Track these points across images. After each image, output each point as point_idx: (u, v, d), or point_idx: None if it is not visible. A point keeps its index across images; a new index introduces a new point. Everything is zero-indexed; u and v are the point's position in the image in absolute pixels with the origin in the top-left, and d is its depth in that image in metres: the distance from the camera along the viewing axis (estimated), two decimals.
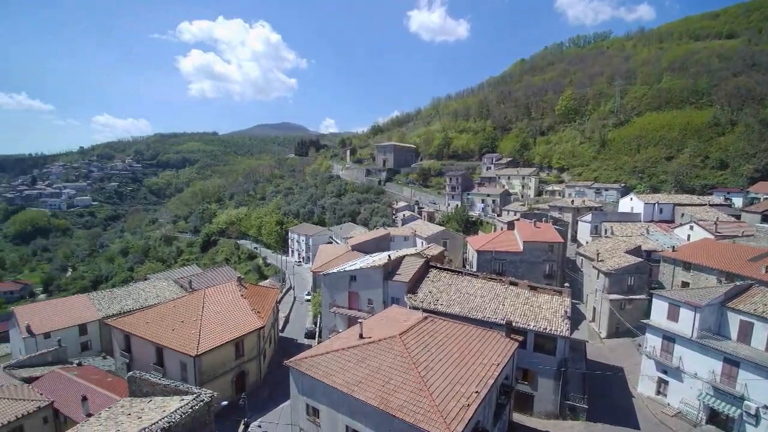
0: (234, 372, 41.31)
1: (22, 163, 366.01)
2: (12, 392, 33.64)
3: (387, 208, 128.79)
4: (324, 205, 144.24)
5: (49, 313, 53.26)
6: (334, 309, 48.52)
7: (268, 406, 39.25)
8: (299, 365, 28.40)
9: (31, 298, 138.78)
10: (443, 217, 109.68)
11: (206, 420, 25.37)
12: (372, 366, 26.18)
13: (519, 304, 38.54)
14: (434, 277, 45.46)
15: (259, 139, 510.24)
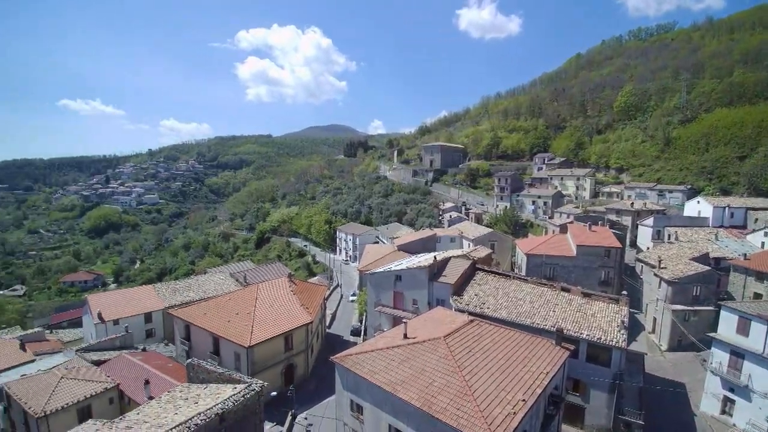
0: (283, 364, 42.98)
1: (98, 164, 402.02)
2: (83, 374, 37.07)
3: (433, 208, 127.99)
4: (371, 205, 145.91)
5: (118, 301, 58.20)
6: (379, 308, 49.05)
7: (314, 399, 40.50)
8: (344, 361, 29.07)
9: (103, 287, 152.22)
10: (491, 219, 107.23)
11: (256, 409, 26.67)
12: (416, 366, 26.25)
13: (571, 311, 36.92)
14: (481, 280, 44.66)
15: (310, 140, 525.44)
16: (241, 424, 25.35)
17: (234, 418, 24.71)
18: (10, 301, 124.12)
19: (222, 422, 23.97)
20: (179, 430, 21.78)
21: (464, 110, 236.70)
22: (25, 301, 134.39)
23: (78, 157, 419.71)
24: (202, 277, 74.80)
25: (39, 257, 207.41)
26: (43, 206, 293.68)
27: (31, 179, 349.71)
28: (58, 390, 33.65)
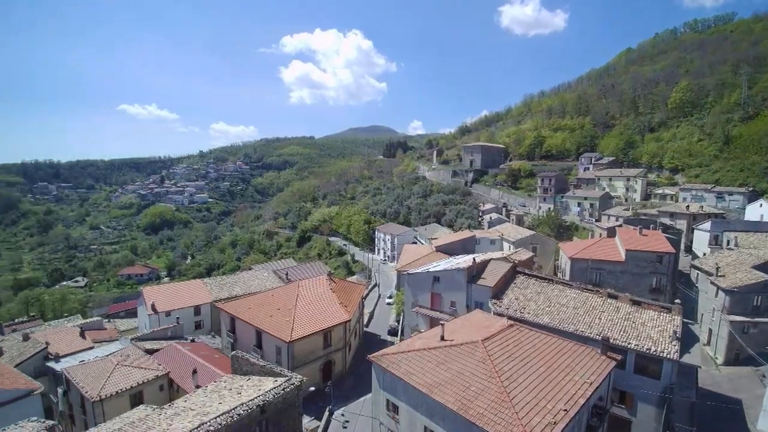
0: (322, 360, 43.96)
1: (154, 165, 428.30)
2: (136, 361, 39.49)
3: (473, 209, 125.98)
4: (410, 206, 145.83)
5: (170, 294, 61.78)
6: (416, 309, 49.00)
7: (351, 396, 41.10)
8: (381, 361, 29.32)
9: (157, 280, 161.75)
10: (533, 221, 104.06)
11: (295, 402, 27.49)
12: (452, 369, 26.05)
13: (618, 319, 35.17)
14: (522, 284, 43.53)
15: (350, 141, 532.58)
16: (281, 416, 26.23)
17: (274, 410, 25.62)
18: (73, 292, 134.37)
19: (263, 413, 24.91)
20: (223, 419, 22.86)
21: (506, 109, 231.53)
22: (86, 292, 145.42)
23: (136, 158, 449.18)
24: (247, 273, 77.98)
25: (99, 251, 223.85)
26: (104, 204, 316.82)
27: (93, 179, 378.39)
28: (113, 376, 36.07)
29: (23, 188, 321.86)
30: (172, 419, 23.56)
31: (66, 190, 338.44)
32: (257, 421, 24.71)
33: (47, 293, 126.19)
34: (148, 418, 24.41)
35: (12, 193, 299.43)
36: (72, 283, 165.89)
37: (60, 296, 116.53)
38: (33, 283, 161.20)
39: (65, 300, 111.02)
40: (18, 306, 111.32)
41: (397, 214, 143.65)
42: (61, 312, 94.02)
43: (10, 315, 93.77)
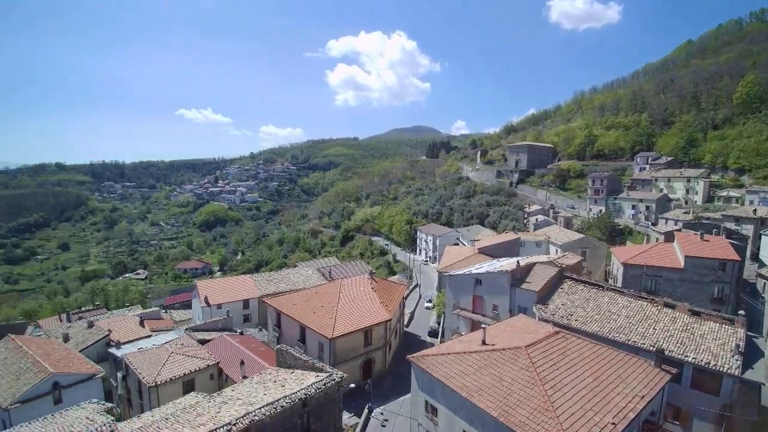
0: (362, 358, 44.55)
1: (208, 166, 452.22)
2: (189, 351, 41.86)
3: (518, 211, 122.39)
4: (452, 207, 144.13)
5: (222, 288, 65.05)
6: (457, 311, 48.46)
7: (390, 395, 41.35)
8: (421, 362, 29.32)
9: (210, 275, 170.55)
10: (583, 224, 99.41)
11: (336, 398, 28.15)
12: (494, 375, 25.57)
13: (675, 330, 32.96)
14: (569, 289, 41.84)
15: (393, 142, 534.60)
16: (322, 411, 26.96)
17: (315, 403, 26.38)
18: (134, 283, 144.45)
19: (305, 406, 25.74)
20: (267, 409, 23.85)
21: (554, 107, 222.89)
22: (146, 284, 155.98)
23: (193, 160, 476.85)
24: (292, 270, 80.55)
25: (159, 246, 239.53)
26: (164, 202, 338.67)
27: (154, 178, 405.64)
28: (168, 363, 38.43)
29: (91, 187, 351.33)
30: (220, 407, 24.89)
31: (130, 189, 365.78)
32: (299, 414, 25.57)
33: (111, 284, 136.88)
34: (199, 405, 25.91)
35: (81, 191, 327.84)
36: (134, 275, 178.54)
37: (123, 287, 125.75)
38: (99, 275, 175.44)
39: (127, 291, 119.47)
40: (85, 295, 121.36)
41: (439, 215, 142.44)
42: (123, 302, 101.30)
43: (78, 303, 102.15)
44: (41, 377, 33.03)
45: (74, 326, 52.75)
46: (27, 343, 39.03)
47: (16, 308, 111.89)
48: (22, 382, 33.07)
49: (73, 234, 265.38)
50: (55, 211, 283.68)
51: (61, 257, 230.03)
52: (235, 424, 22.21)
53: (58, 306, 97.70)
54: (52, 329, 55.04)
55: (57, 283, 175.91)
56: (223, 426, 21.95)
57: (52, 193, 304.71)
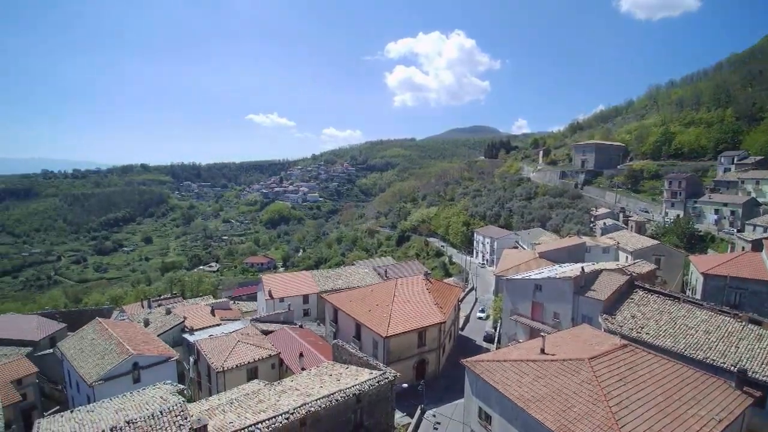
0: (415, 359, 44.59)
1: (274, 167, 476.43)
2: (254, 340, 44.49)
3: (583, 214, 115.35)
4: (511, 208, 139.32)
5: (284, 283, 68.41)
6: (515, 317, 46.89)
7: (443, 398, 40.97)
8: (475, 367, 28.79)
9: (274, 269, 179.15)
10: (657, 229, 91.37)
11: (389, 396, 28.52)
12: (552, 386, 24.48)
13: (761, 349, 29.38)
14: (640, 300, 38.83)
15: (451, 142, 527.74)
16: (375, 408, 27.47)
17: (369, 400, 26.93)
18: (207, 275, 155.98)
19: (358, 402, 26.39)
20: (323, 401, 24.76)
21: (626, 103, 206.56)
22: (218, 276, 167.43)
23: (260, 161, 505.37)
24: (350, 268, 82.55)
25: (229, 241, 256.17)
26: (234, 201, 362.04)
27: (226, 179, 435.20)
28: (234, 351, 41.18)
29: (171, 186, 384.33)
30: (280, 396, 26.26)
31: (205, 188, 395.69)
32: (353, 409, 26.26)
33: (187, 275, 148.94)
34: (260, 392, 27.51)
35: (163, 190, 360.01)
36: (207, 267, 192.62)
37: (197, 278, 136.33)
38: (177, 266, 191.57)
39: (201, 282, 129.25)
40: (164, 284, 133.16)
41: (498, 217, 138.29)
42: (197, 292, 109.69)
43: (158, 292, 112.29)
44: (123, 358, 36.66)
45: (154, 312, 58.23)
46: (112, 326, 43.66)
47: (105, 294, 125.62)
48: (107, 361, 36.93)
49: (156, 228, 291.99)
50: (140, 208, 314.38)
51: (145, 249, 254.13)
52: (293, 413, 23.32)
53: (141, 293, 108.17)
54: (135, 314, 61.25)
55: (140, 273, 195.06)
56: (282, 414, 23.15)
57: (137, 191, 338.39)
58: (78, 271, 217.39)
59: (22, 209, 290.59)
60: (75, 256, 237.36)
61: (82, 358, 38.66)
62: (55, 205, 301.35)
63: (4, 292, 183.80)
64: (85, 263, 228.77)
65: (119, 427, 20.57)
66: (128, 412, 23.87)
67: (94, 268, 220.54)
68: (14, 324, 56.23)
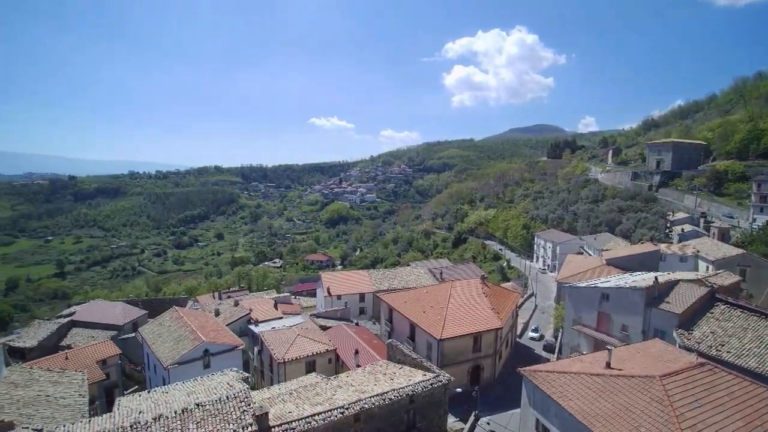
0: (470, 364, 43.92)
1: (334, 168, 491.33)
2: (312, 335, 46.35)
3: (658, 219, 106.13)
4: (576, 212, 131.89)
5: (342, 280, 70.55)
6: (578, 327, 44.57)
7: (498, 406, 39.93)
8: (533, 377, 27.89)
9: (332, 267, 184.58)
10: (744, 237, 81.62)
11: (442, 399, 28.51)
12: (618, 403, 23.08)
13: None
14: (721, 315, 35.27)
15: (511, 142, 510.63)
16: (428, 409, 27.60)
17: (422, 402, 27.12)
18: (271, 271, 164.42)
19: (411, 403, 26.67)
20: (377, 399, 25.36)
21: (707, 97, 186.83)
22: (281, 272, 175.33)
23: (321, 163, 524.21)
24: (405, 268, 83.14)
25: (292, 239, 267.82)
26: (297, 200, 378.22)
27: (290, 179, 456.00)
28: (294, 344, 43.23)
29: (241, 186, 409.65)
30: (335, 390, 27.26)
31: (270, 189, 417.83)
32: (406, 409, 26.60)
33: (254, 270, 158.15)
34: (317, 385, 28.73)
35: (234, 190, 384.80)
36: (271, 263, 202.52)
37: (262, 273, 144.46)
38: (244, 261, 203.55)
39: (266, 277, 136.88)
40: (233, 278, 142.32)
41: (561, 220, 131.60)
42: (262, 286, 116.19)
43: (227, 284, 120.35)
44: (195, 344, 39.80)
45: (224, 303, 62.67)
46: (187, 314, 47.57)
47: (181, 285, 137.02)
48: (181, 347, 40.28)
49: (227, 226, 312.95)
50: (213, 206, 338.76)
51: (217, 245, 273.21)
52: (348, 408, 24.15)
53: (213, 285, 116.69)
54: (207, 304, 66.29)
55: (212, 266, 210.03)
56: (337, 408, 24.06)
57: (211, 191, 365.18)
58: (159, 263, 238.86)
59: (112, 206, 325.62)
60: (156, 249, 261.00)
61: (160, 343, 42.57)
62: (140, 203, 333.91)
63: (94, 280, 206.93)
64: (165, 256, 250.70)
65: (190, 409, 22.51)
66: (198, 395, 25.92)
67: (172, 261, 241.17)
68: (102, 309, 63.23)
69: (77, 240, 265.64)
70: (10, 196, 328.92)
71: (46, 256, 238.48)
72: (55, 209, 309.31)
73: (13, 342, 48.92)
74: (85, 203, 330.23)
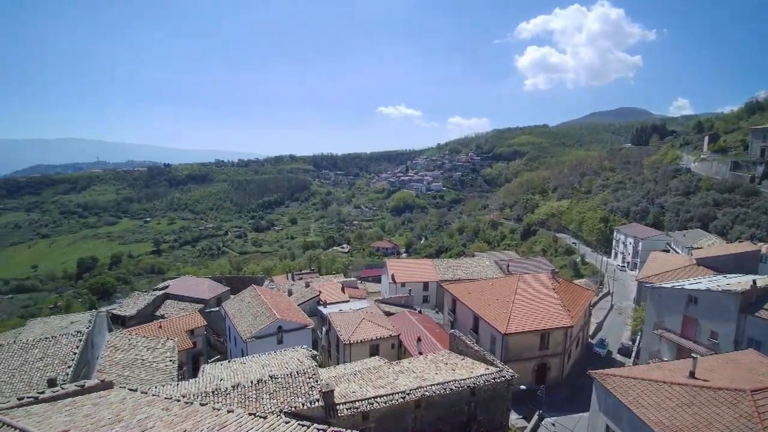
0: (536, 361, 42.64)
1: (401, 157, 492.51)
2: (377, 319, 47.75)
3: (761, 215, 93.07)
4: (663, 205, 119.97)
5: (406, 268, 71.49)
6: (660, 331, 41.17)
7: (564, 408, 38.45)
8: (606, 381, 26.52)
9: (397, 255, 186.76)
10: None
11: (504, 395, 28.19)
12: (700, 416, 21.28)
13: None
14: None
15: (590, 128, 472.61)
16: (489, 403, 27.50)
17: (483, 395, 27.07)
18: (339, 255, 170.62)
19: (473, 395, 26.74)
20: (438, 388, 25.81)
21: None
22: (348, 257, 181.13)
23: (387, 152, 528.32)
24: (470, 259, 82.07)
25: (359, 226, 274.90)
26: (364, 188, 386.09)
27: (358, 167, 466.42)
28: (360, 327, 44.95)
29: (312, 174, 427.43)
30: (397, 375, 28.14)
31: (340, 177, 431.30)
32: (467, 401, 26.75)
33: (323, 254, 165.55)
34: (380, 368, 29.82)
35: (306, 177, 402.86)
36: (339, 248, 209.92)
37: (331, 257, 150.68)
38: (315, 245, 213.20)
39: (334, 261, 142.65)
40: (305, 261, 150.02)
41: (645, 214, 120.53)
42: (331, 270, 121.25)
43: (299, 267, 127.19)
44: (271, 321, 43.11)
45: (296, 284, 66.69)
46: (264, 293, 51.42)
47: (259, 265, 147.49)
48: (258, 322, 43.83)
49: (299, 211, 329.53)
50: (288, 193, 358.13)
51: (290, 229, 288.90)
52: (409, 394, 24.90)
53: (286, 267, 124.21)
54: (281, 284, 70.91)
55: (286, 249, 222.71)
56: (399, 393, 24.91)
57: (286, 178, 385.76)
58: (240, 244, 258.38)
59: (201, 191, 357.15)
60: (238, 231, 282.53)
61: (240, 317, 46.64)
62: (224, 189, 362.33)
63: (185, 257, 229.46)
64: (245, 238, 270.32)
65: (264, 381, 24.65)
66: (272, 368, 28.05)
67: (252, 243, 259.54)
68: (191, 284, 70.13)
69: (171, 221, 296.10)
70: (114, 181, 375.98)
71: (144, 235, 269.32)
72: (152, 194, 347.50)
73: (115, 310, 55.49)
74: (177, 188, 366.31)
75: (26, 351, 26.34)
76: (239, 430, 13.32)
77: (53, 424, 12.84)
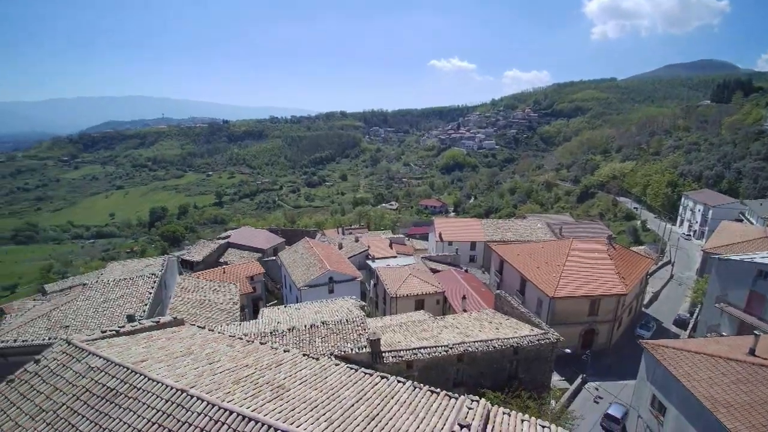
0: (583, 327, 42.16)
1: (452, 113, 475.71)
2: (423, 275, 48.94)
3: None
4: (741, 170, 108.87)
5: (454, 227, 71.60)
6: (722, 305, 38.81)
7: (609, 374, 38.17)
8: (657, 351, 26.04)
9: (445, 213, 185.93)
10: None
11: (548, 357, 28.50)
12: (756, 395, 20.56)
13: None
14: None
15: (664, 82, 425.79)
16: (532, 364, 27.98)
17: (526, 355, 27.55)
18: (388, 212, 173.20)
19: (515, 354, 27.31)
20: (481, 345, 26.59)
21: None
22: (396, 214, 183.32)
23: (439, 108, 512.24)
24: (520, 220, 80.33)
25: (408, 184, 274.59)
26: (414, 145, 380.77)
27: (408, 125, 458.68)
28: (406, 282, 46.50)
29: (363, 131, 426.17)
30: (441, 330, 29.20)
31: (390, 134, 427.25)
32: (509, 359, 27.40)
33: (372, 210, 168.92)
34: (425, 322, 31.02)
35: (356, 134, 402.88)
36: (388, 205, 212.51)
37: (380, 214, 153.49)
38: (364, 202, 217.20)
39: (383, 217, 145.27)
40: (354, 217, 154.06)
41: (719, 179, 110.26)
42: (379, 226, 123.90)
43: (349, 222, 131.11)
44: (322, 272, 45.84)
45: (346, 238, 69.20)
46: (316, 245, 54.10)
47: (311, 219, 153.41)
48: (311, 272, 46.72)
49: (350, 168, 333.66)
50: (339, 149, 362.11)
51: (341, 185, 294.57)
52: (452, 348, 25.91)
53: (337, 222, 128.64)
54: (332, 238, 73.82)
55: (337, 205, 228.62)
56: (442, 346, 26.00)
57: (337, 135, 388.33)
58: (294, 198, 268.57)
59: (257, 147, 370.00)
60: (292, 186, 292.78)
61: (294, 267, 49.78)
62: (279, 145, 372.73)
63: (244, 209, 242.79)
64: (299, 193, 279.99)
65: (317, 326, 26.65)
66: (323, 315, 30.19)
67: (304, 197, 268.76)
68: (250, 235, 74.75)
69: (231, 175, 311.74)
70: (179, 137, 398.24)
71: (207, 187, 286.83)
72: (213, 149, 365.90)
73: (184, 256, 60.86)
74: (236, 144, 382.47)
75: (108, 290, 29.73)
76: (294, 368, 14.77)
77: (132, 355, 14.87)
